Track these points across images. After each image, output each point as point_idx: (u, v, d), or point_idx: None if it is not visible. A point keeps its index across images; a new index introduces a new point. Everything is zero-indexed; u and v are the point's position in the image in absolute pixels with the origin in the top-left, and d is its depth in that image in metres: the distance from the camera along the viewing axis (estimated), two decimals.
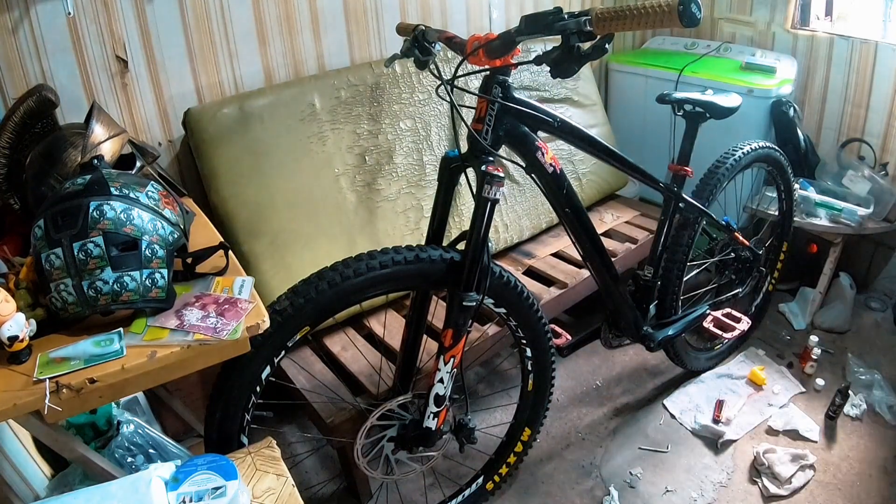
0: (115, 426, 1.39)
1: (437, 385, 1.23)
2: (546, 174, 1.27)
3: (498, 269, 1.28)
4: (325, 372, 1.57)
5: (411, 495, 1.63)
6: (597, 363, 2.10)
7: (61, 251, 0.88)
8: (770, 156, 1.85)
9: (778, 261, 2.16)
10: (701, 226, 1.70)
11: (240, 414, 1.13)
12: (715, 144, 1.79)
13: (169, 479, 0.84)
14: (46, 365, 0.86)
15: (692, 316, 1.77)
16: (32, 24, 1.39)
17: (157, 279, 0.93)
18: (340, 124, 1.75)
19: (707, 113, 1.56)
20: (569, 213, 1.33)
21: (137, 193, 0.94)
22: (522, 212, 2.08)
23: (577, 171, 2.22)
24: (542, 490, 1.65)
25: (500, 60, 1.11)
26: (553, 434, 1.82)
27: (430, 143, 1.91)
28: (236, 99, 1.64)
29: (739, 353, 2.11)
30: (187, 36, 1.61)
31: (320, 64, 1.87)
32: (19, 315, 0.86)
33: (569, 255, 2.02)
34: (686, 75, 2.28)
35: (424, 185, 1.87)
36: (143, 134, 1.61)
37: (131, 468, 1.32)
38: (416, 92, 1.90)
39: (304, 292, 1.11)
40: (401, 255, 1.16)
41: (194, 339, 0.91)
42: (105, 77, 1.52)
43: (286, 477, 0.95)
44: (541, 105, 1.24)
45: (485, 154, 1.17)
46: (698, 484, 1.64)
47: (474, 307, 1.19)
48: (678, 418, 1.85)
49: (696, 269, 1.90)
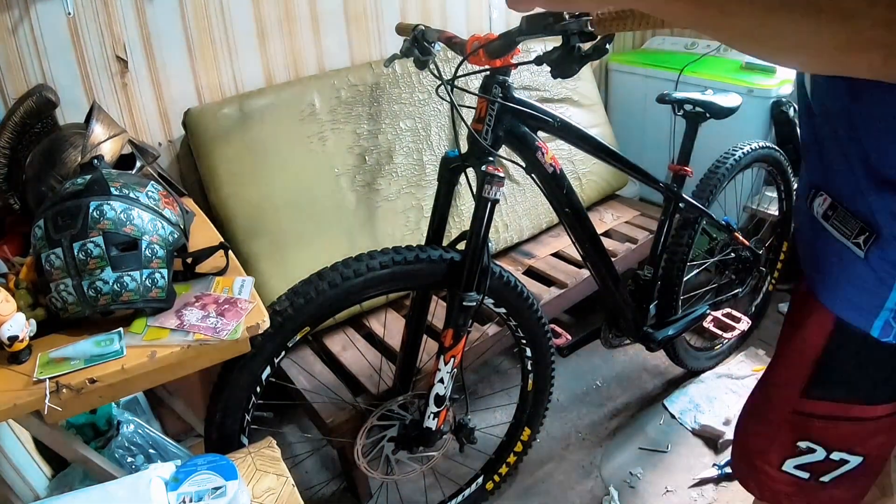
0: (115, 426, 1.39)
1: (437, 385, 1.23)
2: (546, 174, 1.27)
3: (498, 269, 1.28)
4: (325, 372, 1.57)
5: (411, 495, 1.63)
6: (597, 363, 2.10)
7: (61, 251, 0.88)
8: (770, 156, 1.85)
9: (778, 261, 2.16)
10: (701, 226, 1.70)
11: (240, 414, 1.13)
12: (715, 144, 1.79)
13: (169, 479, 0.84)
14: (46, 365, 0.86)
15: (692, 316, 1.77)
16: (32, 24, 1.39)
17: (157, 279, 0.93)
18: (340, 124, 1.75)
19: (707, 113, 1.56)
20: (569, 213, 1.33)
21: (137, 193, 0.94)
22: (522, 212, 2.08)
23: (577, 171, 2.22)
24: (541, 490, 1.65)
25: (501, 60, 1.11)
26: (553, 434, 1.82)
27: (430, 143, 1.91)
28: (236, 99, 1.64)
29: (739, 353, 2.11)
30: (187, 36, 1.61)
31: (320, 64, 1.87)
32: (19, 315, 0.86)
33: (569, 255, 2.02)
34: (686, 75, 2.28)
35: (424, 185, 1.87)
36: (143, 134, 1.61)
37: (131, 468, 1.32)
38: (416, 92, 1.90)
39: (305, 292, 1.11)
40: (401, 255, 1.16)
41: (194, 339, 0.91)
42: (105, 77, 1.52)
43: (286, 477, 0.95)
44: (541, 105, 1.24)
45: (485, 154, 1.17)
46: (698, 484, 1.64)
47: (474, 307, 1.19)
48: (678, 418, 1.85)
49: (696, 269, 1.90)
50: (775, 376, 0.86)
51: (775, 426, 0.84)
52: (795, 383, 0.79)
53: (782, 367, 0.83)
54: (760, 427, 0.88)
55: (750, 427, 0.91)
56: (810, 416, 0.79)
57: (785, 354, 0.83)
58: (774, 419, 0.84)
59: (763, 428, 0.87)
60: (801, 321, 0.79)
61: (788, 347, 0.82)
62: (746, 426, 0.92)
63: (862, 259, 0.68)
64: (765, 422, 0.87)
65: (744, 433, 0.93)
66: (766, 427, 0.86)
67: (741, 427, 0.94)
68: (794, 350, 0.81)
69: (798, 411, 0.80)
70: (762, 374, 0.89)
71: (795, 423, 0.81)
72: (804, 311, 0.79)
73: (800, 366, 0.79)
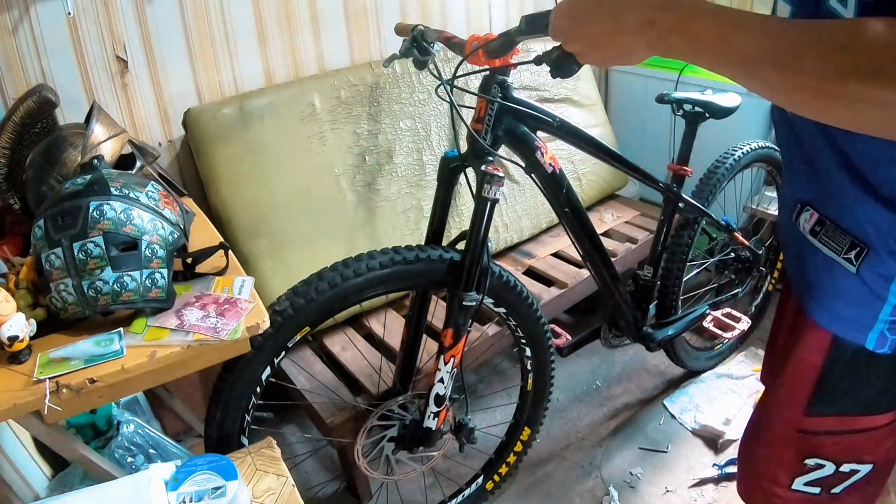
0: (115, 426, 1.39)
1: (437, 385, 1.23)
2: (546, 174, 1.27)
3: (498, 269, 1.28)
4: (325, 372, 1.57)
5: (411, 495, 1.63)
6: (597, 363, 2.10)
7: (61, 251, 0.88)
8: (770, 156, 1.85)
9: (778, 261, 2.15)
10: (701, 226, 1.70)
11: (240, 414, 1.13)
12: (714, 144, 1.79)
13: (169, 479, 0.84)
14: (46, 365, 0.86)
15: (692, 316, 1.77)
16: (32, 24, 1.39)
17: (157, 279, 0.93)
18: (340, 124, 1.76)
19: (706, 113, 1.56)
20: (568, 213, 1.33)
21: (137, 193, 0.94)
22: (522, 212, 2.08)
23: (577, 171, 2.22)
24: (541, 490, 1.65)
25: (500, 60, 1.10)
26: (553, 434, 1.82)
27: (430, 143, 1.91)
28: (236, 99, 1.64)
29: (739, 353, 2.11)
30: (187, 36, 1.61)
31: (320, 64, 1.87)
32: (19, 315, 0.86)
33: (569, 255, 2.02)
34: (686, 75, 2.28)
35: (424, 185, 1.87)
36: (143, 134, 1.61)
37: (131, 468, 1.32)
38: (416, 92, 1.90)
39: (304, 292, 1.11)
40: (401, 255, 1.16)
41: (194, 339, 0.91)
42: (105, 77, 1.52)
43: (286, 477, 0.95)
44: (540, 105, 1.24)
45: (484, 154, 1.17)
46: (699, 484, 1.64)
47: (474, 307, 1.19)
48: (678, 418, 1.85)
49: (695, 269, 1.90)
50: (776, 398, 0.85)
51: (780, 447, 0.83)
52: (797, 403, 0.79)
53: (782, 388, 0.83)
54: (765, 450, 0.87)
55: (755, 450, 0.90)
56: (816, 434, 0.78)
57: (784, 374, 0.82)
58: (779, 440, 0.83)
59: (768, 450, 0.86)
60: (796, 341, 0.79)
61: (786, 368, 0.81)
62: (751, 449, 0.91)
63: (854, 274, 0.68)
64: (769, 444, 0.86)
65: (749, 456, 0.91)
66: (772, 449, 0.85)
67: (746, 450, 0.92)
68: (792, 370, 0.80)
69: (802, 430, 0.79)
70: (761, 395, 0.88)
71: (801, 441, 0.80)
72: (797, 331, 0.79)
73: (800, 385, 0.78)
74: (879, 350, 0.70)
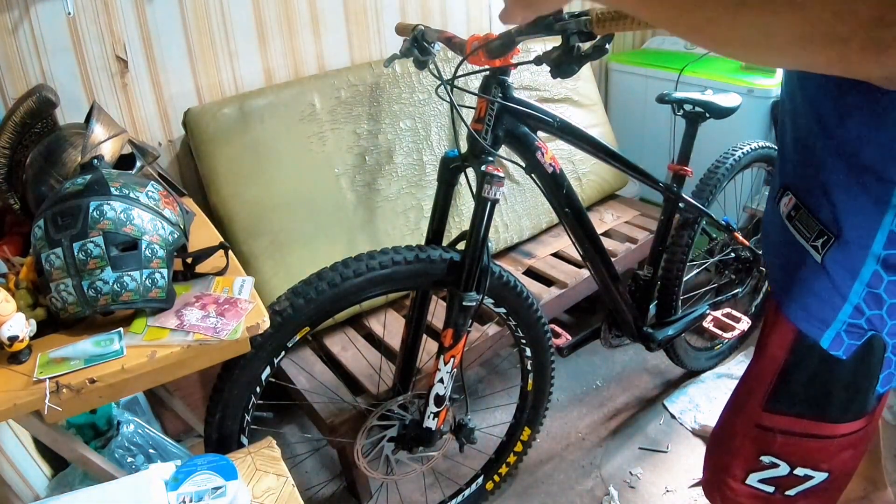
0: (115, 426, 1.39)
1: (437, 385, 1.23)
2: (546, 174, 1.27)
3: (498, 269, 1.28)
4: (325, 372, 1.57)
5: (411, 495, 1.63)
6: (597, 363, 2.10)
7: (61, 251, 0.88)
8: (770, 156, 1.85)
9: None
10: (701, 226, 1.70)
11: (240, 414, 1.13)
12: (715, 144, 1.79)
13: (169, 479, 0.84)
14: (46, 365, 0.86)
15: (692, 316, 1.77)
16: (32, 24, 1.39)
17: (157, 279, 0.93)
18: (340, 124, 1.76)
19: (707, 113, 1.56)
20: (568, 213, 1.33)
21: (137, 193, 0.94)
22: (522, 212, 2.08)
23: (577, 171, 2.22)
24: (541, 490, 1.65)
25: (500, 60, 1.11)
26: (553, 434, 1.82)
27: (430, 143, 1.91)
28: (236, 99, 1.64)
29: (739, 352, 2.11)
30: (187, 36, 1.61)
31: (320, 64, 1.87)
32: (19, 315, 0.86)
33: (569, 255, 2.02)
34: (686, 75, 2.28)
35: (424, 185, 1.87)
36: (143, 134, 1.62)
37: (131, 468, 1.32)
38: (416, 92, 1.90)
39: (304, 292, 1.11)
40: (401, 255, 1.16)
41: (194, 339, 0.91)
42: (105, 77, 1.52)
43: (286, 477, 0.95)
44: (540, 105, 1.24)
45: (484, 154, 1.17)
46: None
47: (474, 307, 1.19)
48: (678, 418, 1.85)
49: (696, 269, 1.90)
50: (742, 389, 0.84)
51: (739, 439, 0.82)
52: (758, 396, 0.77)
53: (749, 379, 0.81)
54: (727, 440, 0.86)
55: (718, 440, 0.89)
56: (771, 431, 0.77)
57: (751, 366, 0.81)
58: (739, 432, 0.82)
59: (729, 441, 0.85)
60: (768, 333, 0.77)
61: (755, 359, 0.80)
62: (717, 439, 0.90)
63: (819, 265, 0.66)
64: (731, 435, 0.84)
65: (713, 445, 0.91)
66: (732, 440, 0.84)
67: (712, 439, 0.92)
68: (758, 362, 0.79)
69: (759, 425, 0.78)
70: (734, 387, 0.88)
71: (758, 437, 0.79)
72: (769, 322, 0.77)
73: (762, 379, 0.77)
74: (834, 352, 0.68)
